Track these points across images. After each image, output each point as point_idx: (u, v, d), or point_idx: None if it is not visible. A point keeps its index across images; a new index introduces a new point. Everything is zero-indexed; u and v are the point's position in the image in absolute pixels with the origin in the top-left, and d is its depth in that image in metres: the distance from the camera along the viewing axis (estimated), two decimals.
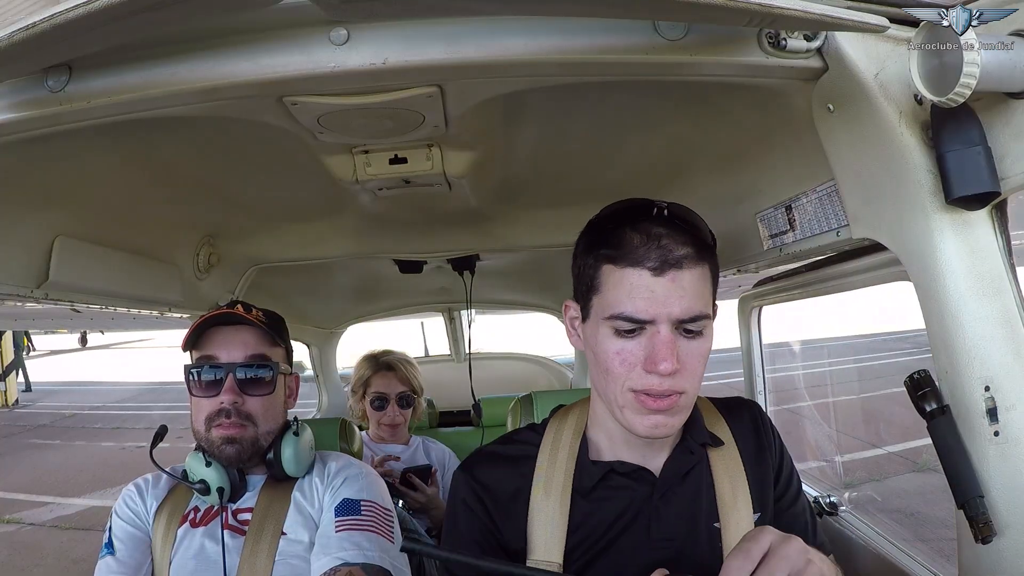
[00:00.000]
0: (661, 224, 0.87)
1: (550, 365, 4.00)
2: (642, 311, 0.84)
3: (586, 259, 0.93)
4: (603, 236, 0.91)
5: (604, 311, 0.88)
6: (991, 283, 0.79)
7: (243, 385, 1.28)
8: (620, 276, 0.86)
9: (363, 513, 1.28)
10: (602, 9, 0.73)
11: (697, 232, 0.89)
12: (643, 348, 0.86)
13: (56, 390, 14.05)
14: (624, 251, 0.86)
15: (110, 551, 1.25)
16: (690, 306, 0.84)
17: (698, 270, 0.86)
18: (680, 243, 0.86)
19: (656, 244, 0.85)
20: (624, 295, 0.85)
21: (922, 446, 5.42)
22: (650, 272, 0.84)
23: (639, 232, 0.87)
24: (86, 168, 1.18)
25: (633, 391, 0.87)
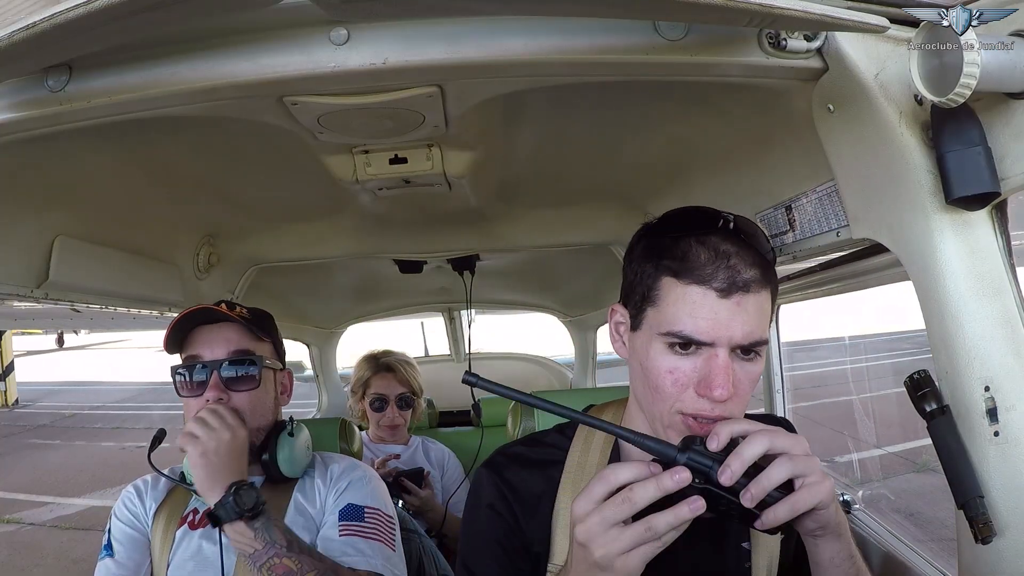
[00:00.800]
0: (730, 240, 0.83)
1: (550, 365, 4.01)
2: (703, 332, 0.81)
3: (644, 266, 0.88)
4: (665, 245, 0.86)
5: (660, 325, 0.84)
6: (991, 283, 0.79)
7: (228, 382, 1.27)
8: (682, 292, 0.82)
9: (367, 520, 1.28)
10: (602, 9, 0.73)
11: (763, 251, 0.85)
12: (697, 370, 0.82)
13: (56, 390, 14.05)
14: (689, 266, 0.82)
15: (109, 553, 1.26)
16: (752, 331, 0.81)
17: (763, 293, 0.83)
18: (749, 264, 0.82)
19: (725, 263, 0.81)
20: (685, 313, 0.82)
21: (922, 447, 5.43)
22: (716, 293, 0.80)
23: (707, 247, 0.83)
24: (86, 168, 1.18)
25: (682, 413, 0.84)
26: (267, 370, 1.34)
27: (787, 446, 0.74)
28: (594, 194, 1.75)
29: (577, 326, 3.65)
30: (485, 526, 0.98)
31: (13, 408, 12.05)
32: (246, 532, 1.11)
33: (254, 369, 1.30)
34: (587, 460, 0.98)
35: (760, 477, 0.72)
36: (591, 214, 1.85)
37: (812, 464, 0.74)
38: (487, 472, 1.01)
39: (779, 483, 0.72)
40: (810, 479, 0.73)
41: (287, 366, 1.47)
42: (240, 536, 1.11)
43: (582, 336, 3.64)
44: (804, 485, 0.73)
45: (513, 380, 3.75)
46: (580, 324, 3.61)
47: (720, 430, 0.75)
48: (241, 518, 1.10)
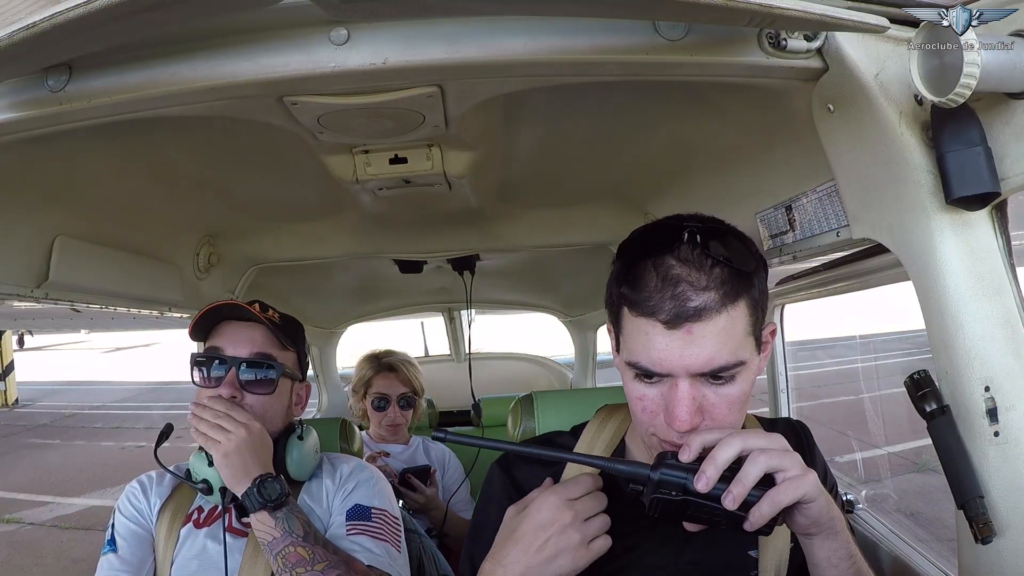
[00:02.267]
0: (684, 261, 0.78)
1: (550, 365, 4.01)
2: (657, 364, 0.78)
3: (611, 289, 0.86)
4: (626, 267, 0.83)
5: (625, 354, 0.83)
6: (991, 283, 0.79)
7: (245, 382, 1.27)
8: (635, 324, 0.80)
9: (374, 520, 1.29)
10: (602, 9, 0.73)
11: (728, 265, 0.78)
12: (664, 397, 0.81)
13: (56, 390, 14.05)
14: (639, 295, 0.79)
15: (112, 548, 1.25)
16: (711, 359, 0.77)
17: (723, 317, 0.77)
18: (701, 288, 0.76)
19: (671, 292, 0.76)
20: (639, 344, 0.79)
21: (922, 447, 5.43)
22: (663, 325, 0.77)
23: (657, 272, 0.78)
24: (86, 168, 1.18)
25: (657, 437, 0.84)
26: (285, 379, 1.34)
27: (761, 444, 0.75)
28: (594, 194, 1.75)
29: (577, 326, 3.66)
30: (491, 522, 0.98)
31: (13, 408, 12.04)
32: (267, 521, 1.16)
33: (273, 375, 1.30)
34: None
35: (738, 477, 0.73)
36: (591, 214, 1.85)
37: (790, 459, 0.75)
38: (498, 470, 1.02)
39: (756, 479, 0.73)
40: (790, 473, 0.74)
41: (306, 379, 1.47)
42: (262, 524, 1.17)
43: (582, 336, 3.64)
44: (784, 480, 0.74)
45: (513, 380, 3.77)
46: (580, 324, 3.61)
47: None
48: (264, 508, 1.16)
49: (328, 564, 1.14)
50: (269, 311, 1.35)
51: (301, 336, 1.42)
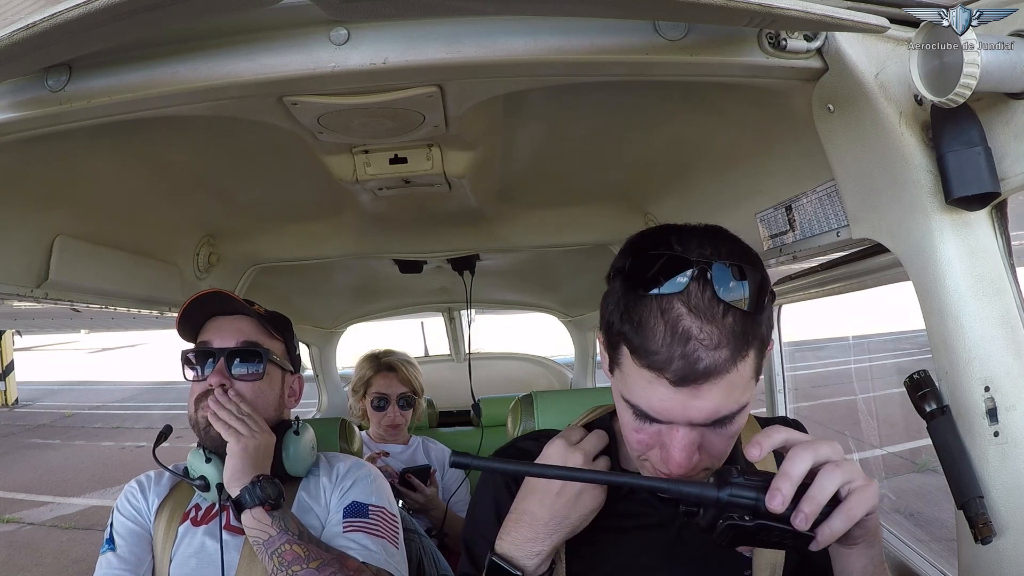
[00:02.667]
0: (695, 310, 0.72)
1: (550, 365, 4.01)
2: (658, 413, 0.76)
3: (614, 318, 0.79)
4: (628, 302, 0.76)
5: (621, 389, 0.80)
6: (991, 283, 0.79)
7: (233, 370, 1.30)
8: (637, 371, 0.76)
9: (371, 517, 1.29)
10: (602, 9, 0.73)
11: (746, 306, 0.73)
12: (661, 435, 0.79)
13: (56, 390, 14.05)
14: (645, 344, 0.73)
15: (111, 547, 1.26)
16: (715, 411, 0.74)
17: (732, 372, 0.73)
18: (713, 345, 0.71)
19: (680, 350, 0.71)
20: (640, 391, 0.76)
21: (921, 447, 5.43)
22: (669, 381, 0.73)
23: (665, 321, 0.73)
24: (86, 168, 1.18)
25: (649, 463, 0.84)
26: (274, 367, 1.36)
27: (830, 455, 0.69)
28: (594, 194, 1.75)
29: (577, 326, 3.65)
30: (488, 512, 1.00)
31: (13, 408, 12.04)
32: (264, 518, 1.17)
33: (259, 360, 1.33)
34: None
35: (811, 494, 0.66)
36: (591, 214, 1.85)
37: (855, 468, 0.69)
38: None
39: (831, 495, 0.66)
40: (856, 483, 0.68)
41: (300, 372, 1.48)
42: (257, 522, 1.17)
43: (582, 336, 3.64)
44: (852, 491, 0.68)
45: (513, 380, 3.76)
46: (580, 324, 3.61)
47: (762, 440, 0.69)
48: (263, 505, 1.17)
49: (323, 562, 1.15)
50: (255, 306, 1.38)
51: (289, 328, 1.45)
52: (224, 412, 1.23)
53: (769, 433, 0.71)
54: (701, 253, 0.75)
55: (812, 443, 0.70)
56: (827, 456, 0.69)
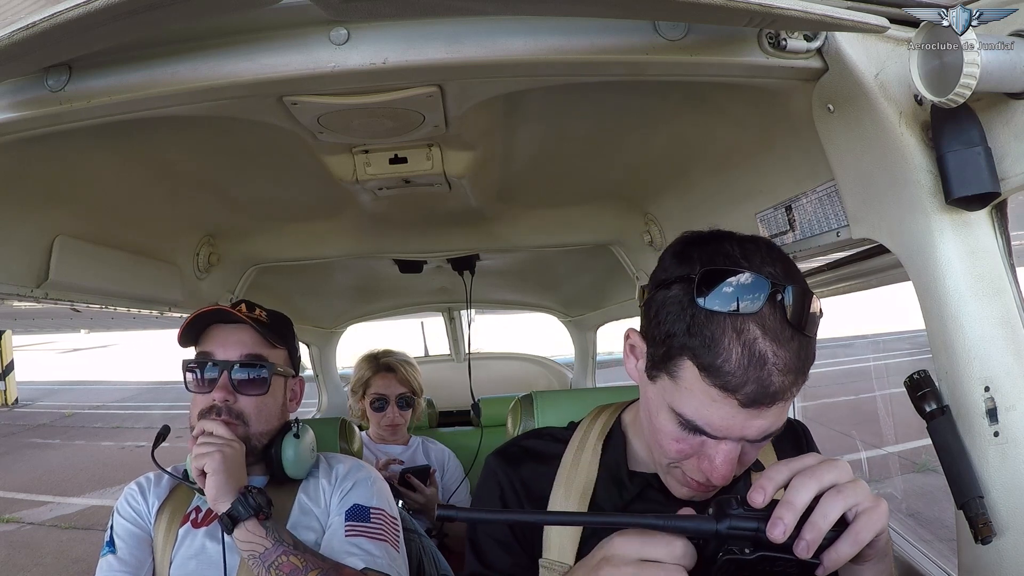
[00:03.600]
0: (768, 331, 0.72)
1: (550, 365, 4.00)
2: (716, 429, 0.76)
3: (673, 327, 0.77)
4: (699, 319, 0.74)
5: (673, 401, 0.79)
6: (991, 284, 0.79)
7: (237, 384, 1.28)
8: (700, 386, 0.74)
9: (372, 520, 1.29)
10: (602, 9, 0.73)
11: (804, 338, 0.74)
12: (704, 447, 0.79)
13: (56, 390, 14.05)
14: (717, 366, 0.72)
15: (111, 549, 1.26)
16: (768, 429, 0.76)
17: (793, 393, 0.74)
18: (785, 370, 0.72)
19: (756, 374, 0.71)
20: (699, 405, 0.76)
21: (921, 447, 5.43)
22: (738, 402, 0.73)
23: (742, 344, 0.72)
24: (86, 168, 1.18)
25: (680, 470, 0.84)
26: (278, 377, 1.35)
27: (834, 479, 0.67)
28: (594, 194, 1.75)
29: (577, 326, 3.65)
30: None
31: (13, 407, 12.05)
32: (258, 530, 1.14)
33: (264, 374, 1.31)
34: (581, 459, 0.99)
35: (813, 520, 0.64)
36: (591, 214, 1.85)
37: (861, 490, 0.67)
38: (501, 464, 1.02)
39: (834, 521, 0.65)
40: (863, 506, 0.66)
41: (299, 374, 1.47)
42: (251, 535, 1.14)
43: (582, 336, 3.64)
44: (860, 514, 0.66)
45: (513, 380, 3.76)
46: (580, 324, 3.61)
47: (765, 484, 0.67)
48: (256, 515, 1.14)
49: (320, 571, 1.13)
50: (256, 310, 1.35)
51: (291, 332, 1.43)
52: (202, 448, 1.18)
53: (771, 475, 0.68)
54: (771, 272, 0.75)
55: (816, 469, 0.67)
56: (832, 481, 0.67)
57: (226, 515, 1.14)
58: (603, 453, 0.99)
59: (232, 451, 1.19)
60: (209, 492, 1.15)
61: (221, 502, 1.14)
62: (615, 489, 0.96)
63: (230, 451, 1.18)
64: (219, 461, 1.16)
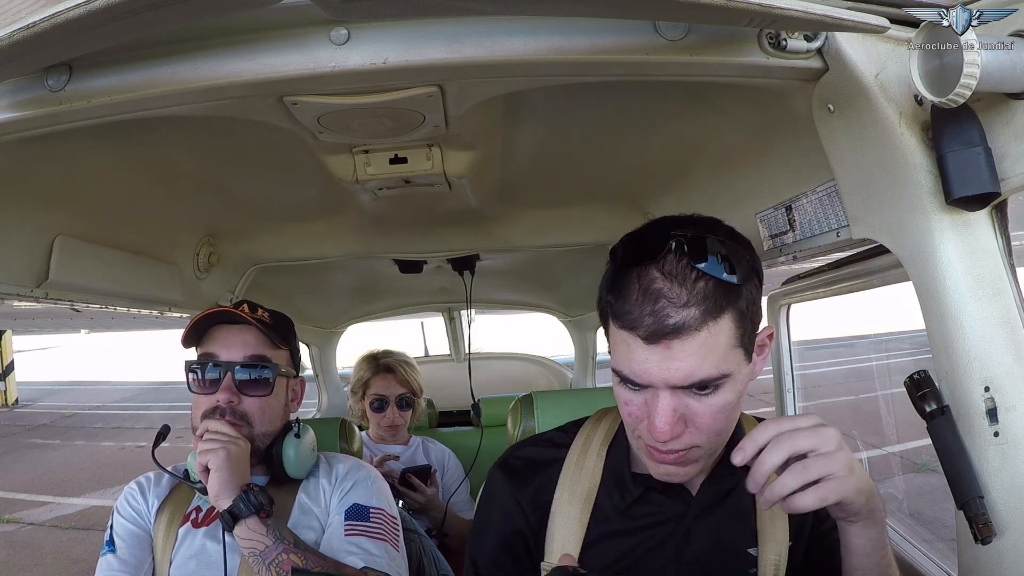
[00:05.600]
0: (668, 274, 0.77)
1: (550, 365, 4.00)
2: (637, 376, 0.79)
3: (603, 294, 0.85)
4: (613, 274, 0.83)
5: (612, 362, 0.84)
6: (991, 284, 0.79)
7: (241, 385, 1.28)
8: (618, 335, 0.81)
9: (372, 520, 1.29)
10: (602, 9, 0.73)
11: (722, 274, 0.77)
12: (647, 405, 0.81)
13: (56, 390, 14.05)
14: (622, 308, 0.79)
15: (111, 549, 1.26)
16: (691, 373, 0.77)
17: (703, 332, 0.76)
18: (681, 304, 0.75)
19: (651, 307, 0.76)
20: (622, 355, 0.80)
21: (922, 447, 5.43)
22: (641, 340, 0.77)
23: (640, 284, 0.78)
24: (86, 168, 1.18)
25: (642, 439, 0.85)
26: (281, 377, 1.35)
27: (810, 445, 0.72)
28: (594, 194, 1.75)
29: (577, 326, 3.65)
30: (494, 526, 0.99)
31: (13, 408, 12.05)
32: (259, 528, 1.14)
33: (268, 375, 1.31)
34: (584, 463, 0.99)
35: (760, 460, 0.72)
36: (591, 214, 1.85)
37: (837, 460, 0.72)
38: (502, 475, 1.02)
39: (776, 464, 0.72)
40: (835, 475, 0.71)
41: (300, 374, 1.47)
42: (253, 533, 1.14)
43: (582, 336, 3.64)
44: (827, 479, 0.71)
45: (513, 380, 3.76)
46: (580, 324, 3.61)
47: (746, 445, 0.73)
48: (257, 513, 1.13)
49: (321, 570, 1.13)
50: (259, 311, 1.35)
51: (292, 333, 1.43)
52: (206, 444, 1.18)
53: (755, 436, 0.73)
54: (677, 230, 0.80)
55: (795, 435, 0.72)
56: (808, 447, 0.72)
57: (227, 512, 1.14)
58: (607, 457, 0.99)
59: (237, 448, 1.19)
60: (212, 488, 1.15)
61: (223, 499, 1.14)
62: (617, 492, 0.96)
63: (235, 448, 1.18)
64: (223, 458, 1.16)
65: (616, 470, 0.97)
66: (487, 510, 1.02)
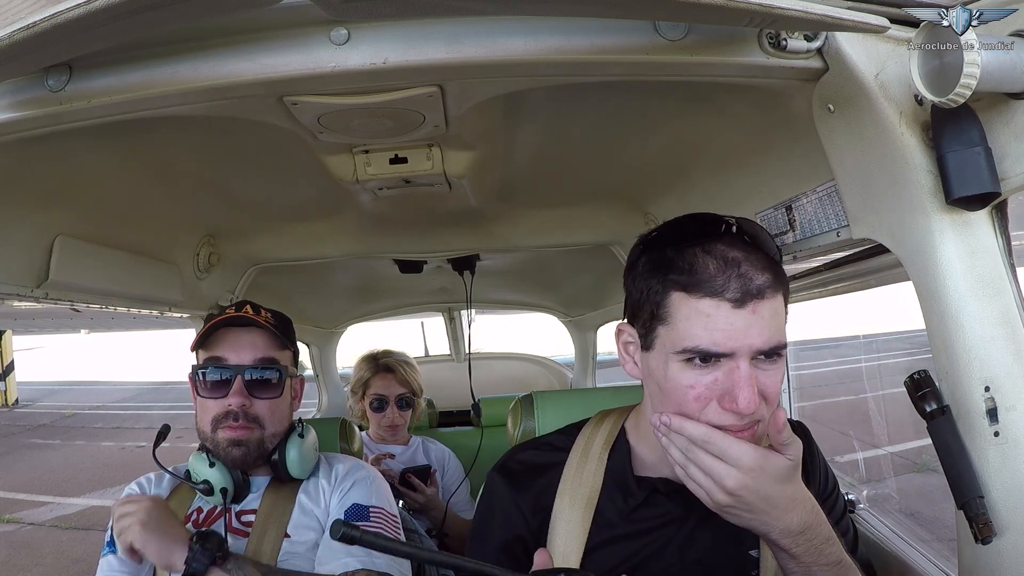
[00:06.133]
0: (736, 246, 0.81)
1: (550, 365, 4.01)
2: (720, 344, 0.78)
3: (649, 282, 0.84)
4: (669, 257, 0.83)
5: (675, 344, 0.81)
6: (991, 284, 0.79)
7: (251, 388, 1.27)
8: (695, 307, 0.79)
9: (372, 519, 1.28)
10: (602, 9, 0.73)
11: (771, 252, 0.83)
12: (719, 383, 0.79)
13: (56, 390, 14.06)
14: (699, 278, 0.79)
15: (112, 550, 1.25)
16: (771, 336, 0.78)
17: (777, 297, 0.80)
18: (760, 269, 0.79)
19: (736, 271, 0.78)
20: (699, 327, 0.79)
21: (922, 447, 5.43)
22: (731, 304, 0.78)
23: (714, 256, 0.80)
24: (86, 168, 1.18)
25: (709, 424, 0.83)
26: (287, 377, 1.35)
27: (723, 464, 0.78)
28: (594, 194, 1.75)
29: (577, 326, 3.66)
30: (494, 532, 0.99)
31: (13, 408, 12.05)
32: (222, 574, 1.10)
33: (278, 377, 1.30)
34: (585, 467, 0.98)
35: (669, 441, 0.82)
36: (591, 214, 1.85)
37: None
38: (502, 479, 1.01)
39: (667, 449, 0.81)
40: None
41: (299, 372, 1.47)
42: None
43: (582, 336, 3.64)
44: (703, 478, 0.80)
45: (513, 380, 3.75)
46: (580, 324, 3.61)
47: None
48: (215, 562, 1.10)
49: None
50: (262, 312, 1.35)
51: (293, 331, 1.43)
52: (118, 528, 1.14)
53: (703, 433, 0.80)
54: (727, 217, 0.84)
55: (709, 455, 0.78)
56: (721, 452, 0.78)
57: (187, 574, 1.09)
58: (608, 460, 0.98)
59: (147, 514, 1.13)
60: (155, 559, 1.11)
61: (175, 561, 1.09)
62: (620, 496, 0.95)
63: (145, 515, 1.13)
64: (139, 531, 1.11)
65: (619, 474, 0.97)
66: (487, 515, 1.01)
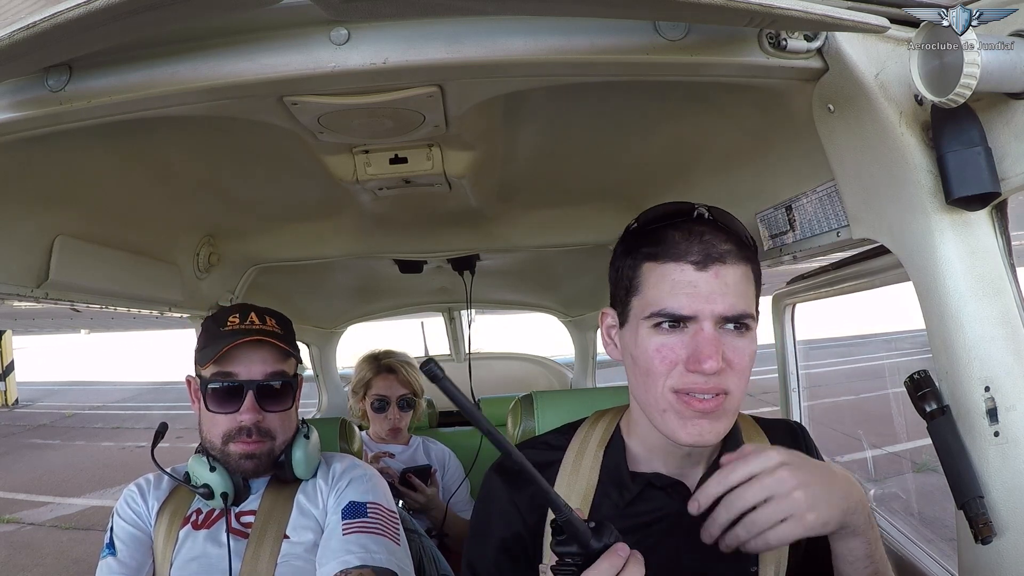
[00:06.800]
0: (702, 223, 0.87)
1: (550, 365, 4.01)
2: (685, 307, 0.83)
3: (624, 261, 0.92)
4: (643, 237, 0.90)
5: (644, 310, 0.87)
6: (991, 284, 0.79)
7: (263, 402, 1.27)
8: (661, 272, 0.86)
9: (369, 516, 1.28)
10: (602, 9, 0.73)
11: (737, 234, 0.88)
12: (685, 345, 0.84)
13: (56, 390, 14.06)
14: (665, 247, 0.86)
15: (111, 551, 1.25)
16: (734, 303, 0.83)
17: (741, 268, 0.86)
18: (723, 239, 0.86)
19: (699, 239, 0.85)
20: (666, 291, 0.84)
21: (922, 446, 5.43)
22: (692, 266, 0.84)
23: (680, 230, 0.87)
24: (86, 168, 1.18)
25: (675, 391, 0.85)
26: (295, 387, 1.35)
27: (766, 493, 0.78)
28: (594, 194, 1.75)
29: (577, 326, 3.66)
30: (492, 532, 0.98)
31: (13, 408, 12.05)
32: None
33: (289, 390, 1.31)
34: (581, 464, 0.99)
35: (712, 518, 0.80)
36: (591, 214, 1.85)
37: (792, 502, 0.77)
38: (499, 478, 1.01)
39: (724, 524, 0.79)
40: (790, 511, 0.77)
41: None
42: None
43: (582, 336, 3.64)
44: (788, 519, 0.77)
45: (513, 380, 3.76)
46: (580, 324, 3.61)
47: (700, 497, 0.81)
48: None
49: None
50: (267, 319, 1.33)
51: (294, 334, 1.42)
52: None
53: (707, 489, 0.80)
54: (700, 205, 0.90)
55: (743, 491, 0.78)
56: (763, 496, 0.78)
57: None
58: (603, 457, 0.99)
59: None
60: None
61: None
62: (616, 491, 0.96)
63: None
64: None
65: (614, 470, 0.97)
66: (484, 514, 1.01)
